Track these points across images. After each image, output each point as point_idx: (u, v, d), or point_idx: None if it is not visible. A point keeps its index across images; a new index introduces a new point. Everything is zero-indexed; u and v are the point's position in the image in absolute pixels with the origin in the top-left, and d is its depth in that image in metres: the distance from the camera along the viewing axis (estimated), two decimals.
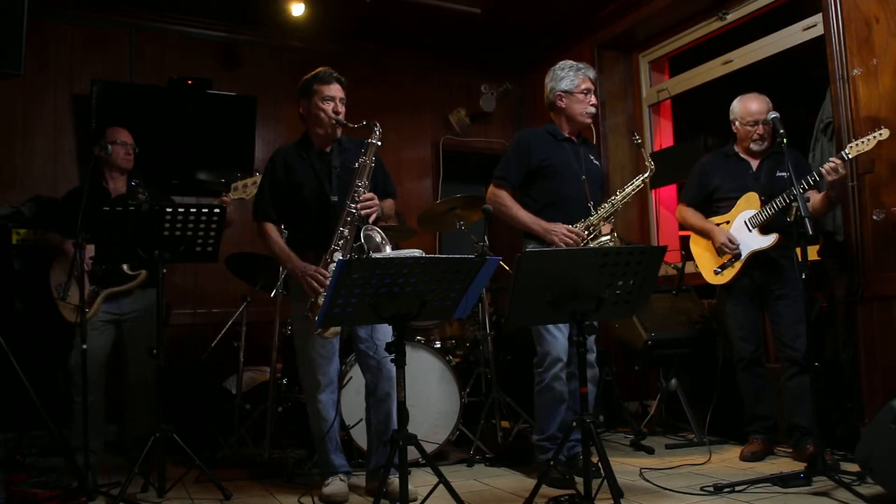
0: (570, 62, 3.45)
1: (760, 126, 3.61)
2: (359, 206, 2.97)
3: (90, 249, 3.46)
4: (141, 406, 3.58)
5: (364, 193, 2.99)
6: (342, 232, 2.96)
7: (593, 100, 3.40)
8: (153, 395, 3.35)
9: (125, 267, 3.58)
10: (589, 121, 3.45)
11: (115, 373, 3.68)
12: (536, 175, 3.36)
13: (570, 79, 3.38)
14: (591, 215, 3.27)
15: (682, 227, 4.03)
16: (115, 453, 3.87)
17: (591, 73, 3.43)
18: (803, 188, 3.16)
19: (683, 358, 4.16)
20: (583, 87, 3.38)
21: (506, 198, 3.38)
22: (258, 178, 3.57)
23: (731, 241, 3.56)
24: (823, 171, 3.22)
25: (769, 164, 3.64)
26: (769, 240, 3.49)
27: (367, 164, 3.03)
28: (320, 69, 3.17)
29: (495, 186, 3.41)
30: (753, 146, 3.66)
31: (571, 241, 3.21)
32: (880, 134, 3.18)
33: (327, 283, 2.93)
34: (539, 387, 3.30)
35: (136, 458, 3.03)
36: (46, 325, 3.86)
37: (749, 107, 3.64)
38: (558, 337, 3.25)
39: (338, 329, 2.98)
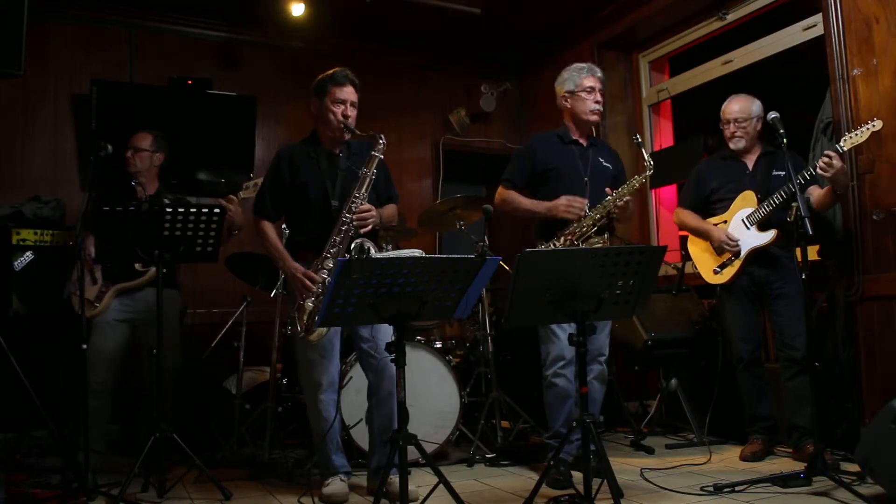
0: (576, 64, 3.49)
1: (732, 125, 3.65)
2: (354, 216, 2.97)
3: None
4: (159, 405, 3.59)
5: (361, 205, 2.99)
6: (335, 240, 2.97)
7: (597, 97, 3.42)
8: (168, 395, 3.36)
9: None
10: (594, 118, 3.44)
11: (126, 372, 3.69)
12: (540, 179, 3.41)
13: (574, 78, 3.43)
14: (585, 217, 3.26)
15: (681, 228, 4.03)
16: (122, 453, 3.86)
17: (597, 72, 3.46)
18: (801, 183, 3.16)
19: (683, 358, 4.16)
20: (585, 84, 3.40)
21: (511, 194, 3.43)
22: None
23: (729, 238, 3.57)
24: (818, 166, 3.22)
25: (765, 164, 3.65)
26: (768, 236, 3.49)
27: (367, 176, 3.02)
28: (336, 69, 3.14)
29: (501, 188, 3.48)
30: (731, 145, 3.69)
31: (576, 208, 3.23)
32: (873, 125, 3.18)
33: (315, 288, 2.95)
34: (544, 384, 3.35)
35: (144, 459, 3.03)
36: (51, 326, 3.86)
37: (726, 107, 3.69)
38: (561, 337, 3.27)
39: (322, 331, 2.97)
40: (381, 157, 3.06)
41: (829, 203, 3.46)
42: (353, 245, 2.96)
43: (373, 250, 2.97)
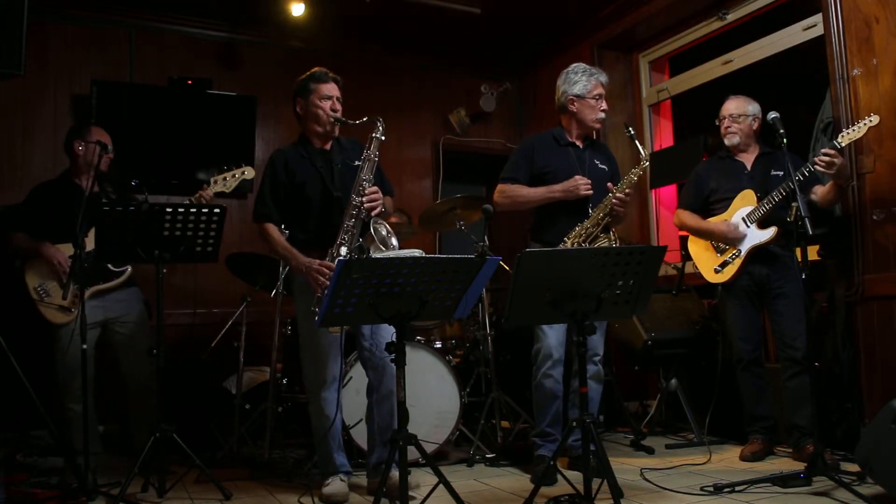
0: (583, 66, 3.48)
1: (727, 120, 3.70)
2: (364, 199, 2.98)
3: (69, 248, 3.44)
4: (144, 407, 3.58)
5: (369, 187, 3.01)
6: (348, 225, 2.98)
7: (604, 105, 3.44)
8: (158, 395, 3.36)
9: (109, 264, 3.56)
10: (598, 125, 3.50)
11: (110, 374, 3.67)
12: (537, 180, 3.40)
13: (583, 83, 3.41)
14: (588, 218, 3.28)
15: (681, 230, 4.04)
16: (115, 453, 3.87)
17: (604, 79, 3.46)
18: (799, 181, 3.16)
19: (683, 358, 4.16)
20: (595, 92, 3.41)
21: (515, 186, 3.40)
22: (237, 172, 3.59)
23: (729, 227, 3.56)
24: (818, 167, 3.21)
25: (763, 164, 3.66)
26: (768, 233, 3.50)
27: (371, 159, 3.05)
28: (316, 69, 3.20)
29: (502, 183, 3.44)
30: (726, 141, 3.73)
31: (590, 184, 3.27)
32: (870, 120, 3.19)
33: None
34: (533, 383, 3.37)
35: (144, 459, 3.02)
36: (20, 332, 3.76)
37: (724, 105, 3.73)
38: (549, 335, 3.30)
39: None
40: (383, 138, 3.08)
41: (834, 198, 3.47)
42: (370, 225, 2.96)
43: (384, 231, 2.98)
